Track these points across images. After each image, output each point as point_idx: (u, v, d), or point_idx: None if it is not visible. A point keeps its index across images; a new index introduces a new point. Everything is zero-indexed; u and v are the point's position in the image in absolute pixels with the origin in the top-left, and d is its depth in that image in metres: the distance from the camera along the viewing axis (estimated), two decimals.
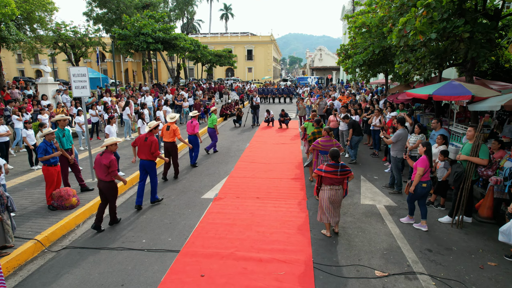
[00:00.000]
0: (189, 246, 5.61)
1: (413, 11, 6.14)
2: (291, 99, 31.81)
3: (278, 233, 6.03)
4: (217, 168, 10.12)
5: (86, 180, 8.36)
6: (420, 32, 6.20)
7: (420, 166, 6.10)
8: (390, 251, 5.44)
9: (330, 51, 64.73)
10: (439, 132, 7.99)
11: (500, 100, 6.87)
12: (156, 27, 21.39)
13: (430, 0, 5.74)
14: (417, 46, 9.71)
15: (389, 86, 19.38)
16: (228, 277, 4.75)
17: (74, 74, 8.25)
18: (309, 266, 5.00)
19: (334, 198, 5.68)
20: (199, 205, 7.39)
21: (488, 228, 6.28)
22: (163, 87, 25.01)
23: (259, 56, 61.94)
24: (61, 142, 7.40)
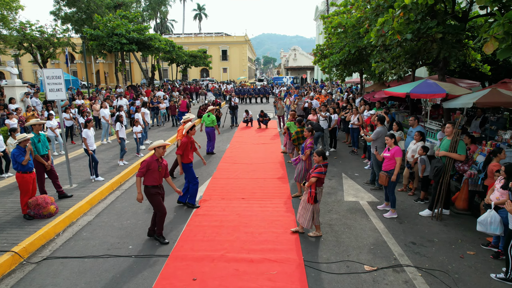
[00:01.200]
0: (178, 250, 5.52)
1: (390, 12, 6.37)
2: (267, 99, 31.97)
3: (266, 233, 6.06)
4: (199, 170, 10.01)
5: (64, 187, 8.02)
6: (398, 32, 6.44)
7: (398, 156, 6.46)
8: (377, 246, 5.60)
9: (304, 51, 65.63)
10: (416, 129, 8.31)
11: (472, 97, 7.24)
12: (130, 27, 20.82)
13: (407, 2, 5.96)
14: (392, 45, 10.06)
15: (364, 85, 19.94)
16: (220, 279, 4.71)
17: (48, 76, 7.90)
18: (300, 265, 5.06)
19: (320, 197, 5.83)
20: (184, 208, 7.28)
21: (465, 219, 6.60)
22: (138, 89, 24.43)
23: (234, 57, 61.84)
24: (37, 147, 7.05)
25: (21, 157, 6.40)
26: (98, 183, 8.74)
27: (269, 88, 33.19)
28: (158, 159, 5.68)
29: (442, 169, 6.24)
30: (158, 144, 5.69)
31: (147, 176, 5.59)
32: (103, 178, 9.02)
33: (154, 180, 5.62)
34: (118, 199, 7.93)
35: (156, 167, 5.59)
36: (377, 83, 14.71)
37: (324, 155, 5.80)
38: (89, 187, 8.41)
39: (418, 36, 8.49)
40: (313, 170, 5.75)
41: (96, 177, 8.95)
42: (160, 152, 5.70)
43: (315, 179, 5.67)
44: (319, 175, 5.68)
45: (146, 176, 5.60)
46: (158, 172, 5.63)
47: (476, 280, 4.68)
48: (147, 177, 5.60)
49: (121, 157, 10.40)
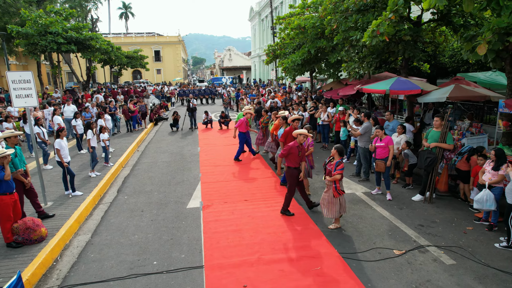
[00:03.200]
0: (210, 259, 5.28)
1: (384, 15, 6.90)
2: (213, 99, 31.64)
3: (289, 232, 6.12)
4: (183, 176, 9.59)
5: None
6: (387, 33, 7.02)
7: (391, 144, 7.30)
8: (394, 231, 6.06)
9: (239, 51, 66.28)
10: (392, 123, 9.11)
11: (442, 93, 8.22)
12: (66, 25, 18.75)
13: (399, 7, 6.55)
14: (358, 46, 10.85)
15: (315, 84, 21.01)
16: (271, 282, 4.66)
17: (14, 80, 6.83)
18: (338, 257, 5.24)
19: None
20: (190, 215, 6.95)
21: (449, 200, 7.48)
22: (76, 93, 22.19)
23: (168, 57, 59.76)
24: (14, 163, 6.06)
25: (1, 172, 5.44)
26: (76, 198, 7.85)
27: (214, 88, 32.81)
28: (299, 145, 6.49)
29: (435, 159, 6.98)
30: (300, 132, 6.56)
31: (288, 158, 6.49)
32: (81, 193, 8.11)
33: (295, 162, 6.49)
34: (109, 214, 7.22)
35: (297, 152, 6.44)
36: (335, 81, 15.65)
37: (343, 152, 6.09)
38: (69, 204, 7.51)
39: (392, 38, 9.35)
40: (334, 167, 5.97)
41: (73, 191, 8.02)
42: (300, 139, 6.52)
43: (340, 176, 5.92)
44: (342, 171, 5.96)
45: (288, 159, 6.49)
46: (298, 156, 6.47)
47: (487, 251, 5.38)
48: (289, 159, 6.49)
49: (92, 168, 9.44)
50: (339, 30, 10.56)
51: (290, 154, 6.43)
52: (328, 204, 6.08)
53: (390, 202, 7.34)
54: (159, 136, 15.88)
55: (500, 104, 6.98)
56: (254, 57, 52.97)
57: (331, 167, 6.03)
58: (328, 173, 6.11)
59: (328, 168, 6.11)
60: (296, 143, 6.53)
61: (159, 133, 16.55)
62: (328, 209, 6.08)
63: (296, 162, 6.50)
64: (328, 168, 6.09)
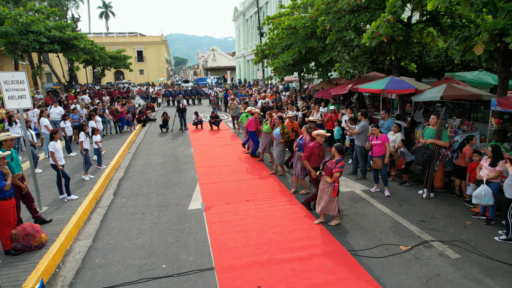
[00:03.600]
0: (220, 261, 5.24)
1: (382, 17, 7.04)
2: (200, 100, 31.38)
3: (295, 231, 6.14)
4: (179, 177, 9.47)
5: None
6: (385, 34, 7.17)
7: (387, 141, 7.57)
8: (397, 228, 6.18)
9: (223, 51, 66.04)
10: (387, 121, 9.29)
11: (435, 92, 8.45)
12: (49, 24, 18.11)
13: (397, 8, 6.71)
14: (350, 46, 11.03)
15: (303, 83, 21.18)
16: (285, 282, 4.66)
17: (6, 80, 6.57)
18: (347, 254, 5.31)
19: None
20: (193, 217, 6.87)
21: (445, 196, 7.69)
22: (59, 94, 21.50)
23: (151, 57, 58.82)
24: (10, 167, 5.82)
25: (2, 182, 5.23)
26: (72, 202, 7.62)
27: (200, 89, 32.53)
28: (319, 145, 6.66)
29: (432, 155, 7.16)
30: (318, 133, 6.66)
31: (310, 159, 6.66)
32: (77, 196, 7.88)
33: (316, 162, 6.66)
34: (108, 218, 7.04)
35: (318, 152, 6.65)
36: (325, 81, 15.82)
37: (342, 150, 6.17)
38: (65, 208, 7.28)
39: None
40: (334, 165, 6.04)
41: (69, 195, 7.78)
42: (319, 140, 6.65)
43: (339, 174, 5.98)
44: (342, 169, 6.02)
45: (310, 160, 6.67)
46: (319, 156, 6.66)
47: (487, 244, 5.57)
48: (311, 160, 6.67)
49: (86, 171, 9.19)
50: (333, 30, 10.68)
51: (313, 154, 6.64)
52: (325, 201, 6.15)
53: (390, 199, 7.49)
54: (149, 137, 15.62)
55: (492, 103, 7.23)
56: (238, 57, 52.94)
57: (332, 165, 6.09)
58: (328, 171, 6.18)
59: (329, 166, 6.16)
60: (316, 143, 6.67)
61: (148, 135, 16.27)
62: (325, 206, 6.19)
63: (317, 162, 6.67)
64: (329, 166, 6.14)
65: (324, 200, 6.22)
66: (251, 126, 10.45)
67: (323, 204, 6.22)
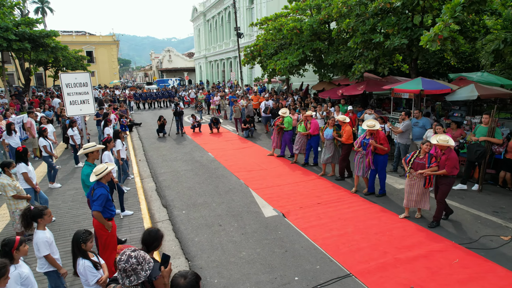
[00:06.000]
0: (350, 266, 5.10)
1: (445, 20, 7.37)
2: (172, 102, 30.06)
3: (393, 229, 6.20)
4: (224, 184, 8.99)
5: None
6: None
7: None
8: (481, 220, 6.54)
9: (179, 52, 64.14)
10: (421, 120, 9.75)
11: (470, 91, 9.10)
12: (16, 19, 15.94)
13: (458, 14, 7.11)
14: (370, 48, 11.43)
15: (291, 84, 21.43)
16: (431, 280, 4.70)
17: (69, 83, 5.70)
18: (462, 248, 5.50)
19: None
20: (278, 224, 6.58)
21: (491, 188, 8.23)
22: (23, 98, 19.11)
23: (102, 59, 55.05)
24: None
25: (99, 206, 4.52)
26: (130, 218, 6.96)
27: (173, 91, 31.20)
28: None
29: (485, 152, 7.69)
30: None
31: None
32: (131, 212, 7.12)
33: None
34: (183, 232, 6.45)
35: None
36: (325, 82, 16.16)
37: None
38: (127, 225, 6.64)
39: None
40: (427, 160, 6.24)
41: (123, 211, 7.01)
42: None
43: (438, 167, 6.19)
44: (437, 163, 6.25)
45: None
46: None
47: None
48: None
49: (122, 182, 8.33)
50: (357, 33, 10.96)
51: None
52: (417, 195, 6.39)
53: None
54: (149, 143, 14.59)
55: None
56: (199, 58, 51.77)
57: (422, 160, 6.29)
58: (416, 167, 6.36)
59: (419, 162, 6.34)
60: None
61: (146, 140, 15.19)
62: (418, 200, 6.44)
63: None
64: (420, 162, 6.32)
65: (414, 194, 6.40)
66: (316, 130, 10.07)
67: (414, 198, 6.39)
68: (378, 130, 7.61)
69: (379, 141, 7.58)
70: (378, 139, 7.58)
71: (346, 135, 8.79)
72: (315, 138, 10.16)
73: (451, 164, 6.02)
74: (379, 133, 7.61)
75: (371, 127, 7.57)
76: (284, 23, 15.18)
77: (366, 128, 7.65)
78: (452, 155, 6.16)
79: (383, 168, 7.82)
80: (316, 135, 10.12)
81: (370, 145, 7.65)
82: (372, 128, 7.57)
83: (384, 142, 7.57)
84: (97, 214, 4.42)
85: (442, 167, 6.16)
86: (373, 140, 7.58)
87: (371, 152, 7.70)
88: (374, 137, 7.64)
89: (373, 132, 7.62)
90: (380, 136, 7.59)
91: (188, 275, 2.37)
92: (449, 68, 16.17)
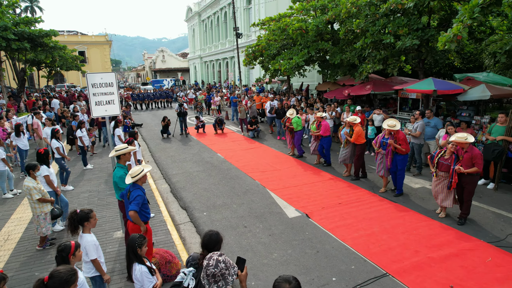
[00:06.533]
0: (385, 265, 5.10)
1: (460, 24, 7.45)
2: (170, 103, 29.88)
3: (419, 228, 6.24)
4: (240, 185, 8.93)
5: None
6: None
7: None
8: (501, 217, 6.63)
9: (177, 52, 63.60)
10: (433, 120, 9.85)
11: (482, 91, 9.23)
12: (14, 18, 15.57)
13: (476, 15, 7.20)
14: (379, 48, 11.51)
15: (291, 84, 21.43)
16: (469, 278, 4.72)
17: (94, 83, 5.58)
18: (492, 247, 5.55)
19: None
20: (304, 225, 6.56)
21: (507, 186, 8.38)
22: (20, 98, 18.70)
23: (95, 59, 54.33)
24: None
25: (147, 206, 4.45)
26: (152, 220, 6.76)
27: (170, 91, 30.94)
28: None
29: (503, 151, 7.80)
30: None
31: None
32: (153, 214, 7.00)
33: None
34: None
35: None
36: (330, 82, 16.21)
37: None
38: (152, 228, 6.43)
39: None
40: (454, 161, 6.28)
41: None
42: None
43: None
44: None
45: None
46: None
47: None
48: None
49: None
50: (367, 34, 11.02)
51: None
52: (444, 194, 6.45)
53: None
54: (153, 144, 14.42)
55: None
56: (194, 59, 51.53)
57: (447, 161, 6.33)
58: (441, 167, 6.41)
59: (444, 162, 6.39)
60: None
61: (150, 141, 15.02)
62: (442, 198, 6.52)
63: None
64: (445, 162, 6.37)
65: (443, 193, 6.47)
66: (327, 131, 10.05)
67: (443, 197, 6.46)
68: (398, 130, 7.64)
69: (398, 141, 7.62)
70: (397, 139, 7.62)
71: (355, 135, 8.82)
72: (327, 139, 10.16)
73: (480, 161, 6.09)
74: (399, 134, 7.65)
75: (392, 126, 7.61)
76: (289, 23, 15.17)
77: (386, 128, 7.68)
78: (475, 152, 6.21)
79: (403, 168, 7.85)
80: (327, 136, 10.13)
81: (389, 144, 7.69)
82: (393, 128, 7.60)
83: (403, 143, 7.61)
84: (133, 214, 4.32)
85: (466, 165, 6.21)
86: (393, 140, 7.62)
87: (391, 151, 7.74)
88: (394, 137, 7.68)
89: (393, 131, 7.66)
90: (400, 136, 7.62)
91: (292, 280, 2.29)
92: (450, 68, 16.38)
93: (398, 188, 7.93)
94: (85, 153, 10.53)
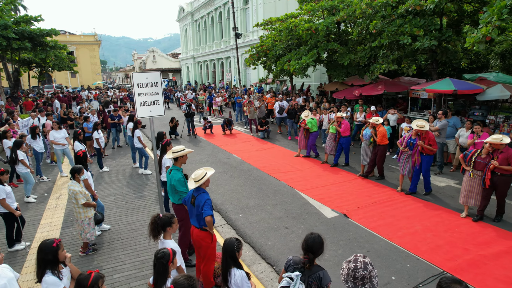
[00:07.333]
0: (442, 264, 5.16)
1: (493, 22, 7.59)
2: (168, 104, 29.50)
3: (459, 226, 6.34)
4: (267, 186, 8.88)
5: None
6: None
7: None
8: None
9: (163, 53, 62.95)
10: (452, 119, 10.02)
11: (500, 90, 9.45)
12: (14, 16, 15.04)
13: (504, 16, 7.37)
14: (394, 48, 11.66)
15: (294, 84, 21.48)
16: None
17: (140, 83, 5.44)
18: None
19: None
20: (345, 225, 6.57)
21: None
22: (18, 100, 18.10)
23: (84, 59, 53.28)
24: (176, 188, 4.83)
25: (210, 210, 4.35)
26: None
27: (168, 92, 30.55)
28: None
29: None
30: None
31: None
32: None
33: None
34: (250, 237, 6.30)
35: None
36: (337, 82, 16.32)
37: None
38: None
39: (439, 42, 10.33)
40: (489, 160, 6.40)
41: None
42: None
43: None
44: None
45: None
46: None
47: None
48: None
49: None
50: (383, 34, 11.14)
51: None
52: (476, 194, 6.59)
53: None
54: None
55: None
56: (186, 59, 51.05)
57: (484, 160, 6.45)
58: (478, 166, 6.52)
59: (481, 161, 6.50)
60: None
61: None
62: (469, 197, 6.66)
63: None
64: (483, 162, 6.48)
65: (474, 193, 6.57)
66: (347, 131, 10.07)
67: (474, 196, 6.56)
68: (427, 131, 7.73)
69: (427, 142, 7.71)
70: (427, 139, 7.71)
71: (380, 135, 8.88)
72: (346, 139, 10.20)
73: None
74: (429, 134, 7.74)
75: (421, 127, 7.70)
76: (298, 24, 15.19)
77: (415, 128, 7.77)
78: (511, 152, 6.34)
79: (428, 168, 7.95)
80: (347, 136, 10.17)
81: (417, 145, 7.77)
82: (422, 129, 7.69)
83: (433, 143, 7.71)
84: (210, 219, 4.21)
85: (502, 164, 6.32)
86: (421, 141, 7.71)
87: (418, 152, 7.82)
88: (422, 138, 7.77)
89: (421, 132, 7.75)
90: (430, 137, 7.72)
91: (460, 280, 2.25)
92: (454, 69, 16.75)
93: (426, 187, 8.03)
94: (101, 155, 10.28)
